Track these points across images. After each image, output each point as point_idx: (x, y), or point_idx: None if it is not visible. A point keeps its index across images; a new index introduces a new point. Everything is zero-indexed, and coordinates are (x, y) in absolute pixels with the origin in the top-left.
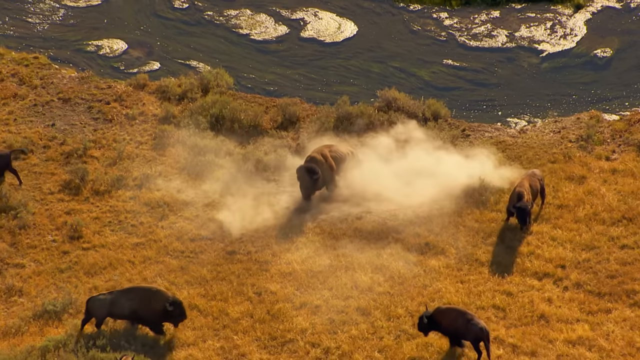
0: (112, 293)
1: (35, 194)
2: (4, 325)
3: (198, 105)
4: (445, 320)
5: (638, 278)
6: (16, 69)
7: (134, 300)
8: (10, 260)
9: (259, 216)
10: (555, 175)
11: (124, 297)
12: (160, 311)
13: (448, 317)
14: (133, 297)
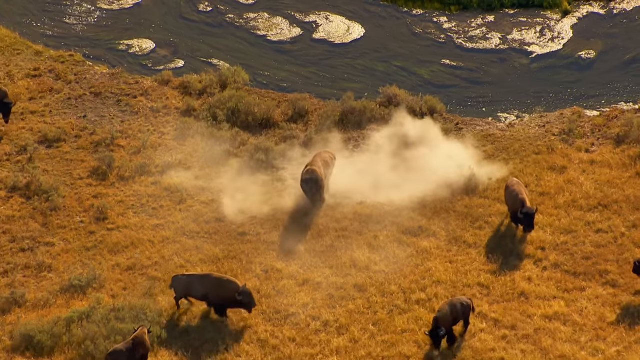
0: (190, 276)
1: (66, 179)
2: (34, 298)
3: (216, 100)
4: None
5: (611, 259)
6: (53, 65)
7: (207, 286)
8: (41, 239)
9: (269, 201)
10: (539, 166)
11: (198, 281)
12: (231, 299)
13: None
14: (206, 283)
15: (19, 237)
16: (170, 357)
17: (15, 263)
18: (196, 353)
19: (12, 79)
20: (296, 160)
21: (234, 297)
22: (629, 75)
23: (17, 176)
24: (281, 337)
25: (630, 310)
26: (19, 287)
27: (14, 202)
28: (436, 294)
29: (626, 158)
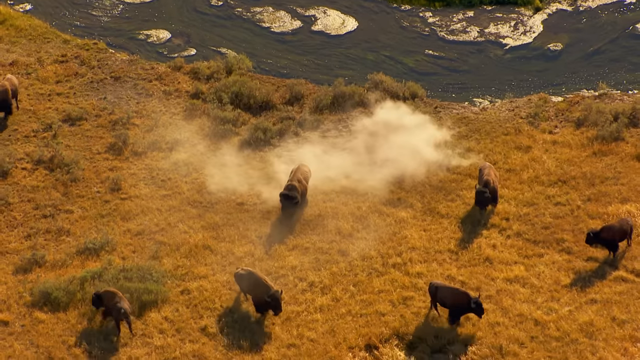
0: (245, 270)
1: (86, 153)
2: (53, 259)
3: (222, 84)
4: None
5: (567, 229)
6: (79, 52)
7: (249, 285)
8: (62, 207)
9: (265, 174)
10: (507, 145)
11: (245, 279)
12: (262, 300)
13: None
14: (248, 282)
15: (42, 205)
16: (172, 312)
17: (37, 228)
18: (195, 310)
19: (42, 63)
20: (291, 139)
21: (264, 299)
22: (591, 65)
23: (42, 150)
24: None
25: (582, 275)
26: (40, 249)
27: (39, 173)
28: (410, 259)
29: (584, 139)
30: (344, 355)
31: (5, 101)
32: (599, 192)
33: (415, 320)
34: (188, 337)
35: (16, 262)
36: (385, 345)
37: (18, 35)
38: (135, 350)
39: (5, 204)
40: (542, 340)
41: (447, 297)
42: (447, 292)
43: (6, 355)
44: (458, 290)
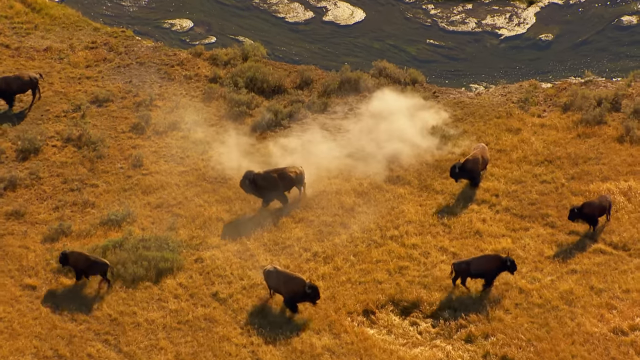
0: (274, 269)
1: (111, 132)
2: (78, 229)
3: (238, 70)
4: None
5: (551, 205)
6: (108, 39)
7: (279, 281)
8: (88, 182)
9: (274, 153)
10: (498, 128)
11: (273, 276)
12: (299, 293)
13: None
14: (278, 279)
15: (70, 179)
16: (186, 279)
17: (65, 200)
18: (207, 277)
19: (73, 49)
20: (300, 120)
21: (302, 291)
22: (579, 55)
23: (71, 129)
24: (278, 264)
25: (564, 247)
26: (67, 220)
27: (67, 150)
28: (407, 231)
29: (570, 122)
30: (343, 319)
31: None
32: (581, 171)
33: (409, 288)
34: (200, 301)
35: (44, 231)
36: (381, 310)
37: (52, 23)
38: (151, 314)
39: (36, 178)
40: (526, 307)
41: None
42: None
43: (33, 317)
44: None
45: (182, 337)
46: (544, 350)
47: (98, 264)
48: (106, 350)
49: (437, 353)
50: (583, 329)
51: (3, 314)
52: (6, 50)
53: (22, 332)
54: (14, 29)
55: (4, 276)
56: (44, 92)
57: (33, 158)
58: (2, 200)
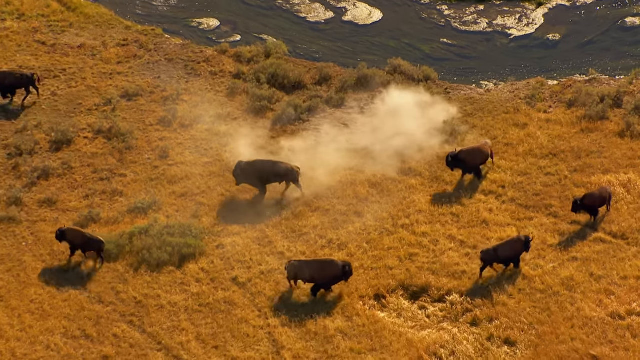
0: (300, 262)
1: (139, 125)
2: (107, 216)
3: (260, 66)
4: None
5: (555, 196)
6: (138, 37)
7: (313, 270)
8: (117, 171)
9: (293, 145)
10: (506, 122)
11: (310, 267)
12: (338, 275)
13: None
14: (311, 268)
15: (100, 169)
16: (207, 264)
17: (95, 189)
18: (228, 262)
19: (105, 46)
20: (318, 114)
21: (342, 276)
22: (584, 54)
23: (102, 122)
24: (295, 250)
25: (566, 236)
26: (96, 207)
27: (98, 142)
28: (417, 220)
29: (574, 118)
30: (356, 303)
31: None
32: (584, 164)
33: (419, 274)
34: (221, 285)
35: (75, 218)
36: (391, 295)
37: (87, 21)
38: (174, 296)
39: (68, 168)
40: (529, 292)
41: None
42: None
43: (63, 299)
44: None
45: (203, 318)
46: (545, 333)
47: (94, 240)
48: (131, 331)
49: (444, 335)
50: (582, 313)
51: (34, 296)
52: (42, 46)
53: (52, 313)
54: (50, 27)
55: (36, 260)
56: (77, 86)
57: (66, 149)
58: (36, 189)
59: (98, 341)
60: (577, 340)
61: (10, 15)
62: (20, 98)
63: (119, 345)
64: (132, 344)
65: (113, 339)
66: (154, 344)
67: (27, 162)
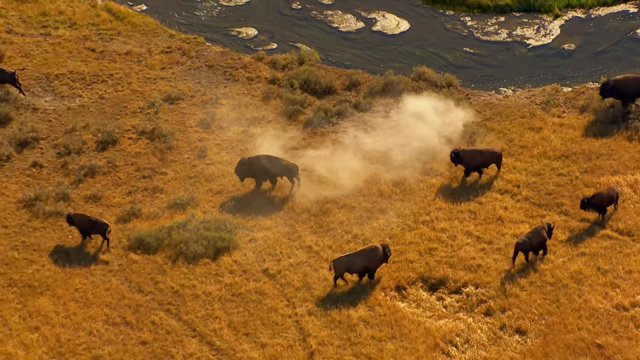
0: (349, 255)
1: (180, 127)
2: (148, 212)
3: (294, 72)
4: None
5: (566, 195)
6: (181, 45)
7: (366, 258)
8: (158, 170)
9: (323, 145)
10: (522, 126)
11: (357, 257)
12: (382, 259)
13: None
14: (364, 256)
15: (142, 168)
16: (240, 256)
17: (137, 186)
18: (259, 255)
19: (150, 53)
20: (347, 117)
21: (384, 258)
22: (597, 63)
23: (145, 124)
24: (322, 244)
25: (575, 233)
26: (138, 203)
27: (141, 142)
28: (437, 217)
29: (586, 122)
30: (378, 294)
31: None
32: (594, 166)
33: (437, 267)
34: (252, 277)
35: (118, 213)
36: (411, 286)
37: (133, 30)
38: (208, 287)
39: (113, 166)
40: (539, 285)
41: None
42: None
43: (105, 288)
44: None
45: (235, 307)
46: (554, 323)
47: (99, 224)
48: (168, 318)
49: (460, 324)
50: (589, 304)
51: (79, 285)
52: (92, 53)
53: (95, 301)
54: (99, 35)
55: (80, 252)
56: (123, 90)
57: (111, 148)
58: (83, 186)
59: (137, 328)
60: (584, 330)
61: (62, 24)
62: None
63: (156, 331)
64: (168, 331)
65: (151, 326)
66: (189, 331)
67: (75, 160)
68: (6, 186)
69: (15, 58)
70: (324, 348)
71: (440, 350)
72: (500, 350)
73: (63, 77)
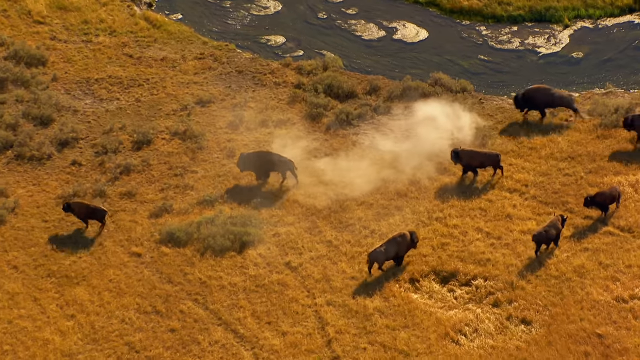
0: (383, 245)
1: (211, 128)
2: (179, 207)
3: (318, 78)
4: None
5: (571, 194)
6: (214, 52)
7: (397, 245)
8: (189, 168)
9: (344, 147)
10: (531, 129)
11: (390, 246)
12: (410, 245)
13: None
14: (396, 244)
15: (174, 167)
16: (265, 250)
17: (169, 184)
18: (282, 249)
19: (184, 59)
20: (367, 121)
21: (412, 244)
22: (603, 70)
23: (179, 125)
24: (341, 239)
25: (579, 229)
26: (170, 200)
27: (174, 143)
28: (450, 214)
29: (592, 126)
30: (393, 286)
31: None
32: (598, 167)
33: (449, 261)
34: (275, 269)
35: (151, 209)
36: (424, 279)
37: (169, 37)
38: (234, 278)
39: (147, 165)
40: (544, 278)
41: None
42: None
43: (137, 279)
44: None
45: (259, 298)
46: (558, 314)
47: (98, 210)
48: (195, 308)
49: (469, 315)
50: (591, 297)
51: (113, 276)
52: (130, 59)
53: (128, 291)
54: (137, 42)
55: (115, 245)
56: (158, 94)
57: (146, 148)
58: (118, 183)
59: (167, 316)
60: (586, 320)
61: (103, 31)
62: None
63: (184, 320)
64: (196, 319)
65: (180, 315)
66: (215, 320)
67: (112, 159)
68: (47, 183)
69: (58, 63)
70: (342, 336)
71: (450, 339)
72: (507, 339)
73: (102, 81)
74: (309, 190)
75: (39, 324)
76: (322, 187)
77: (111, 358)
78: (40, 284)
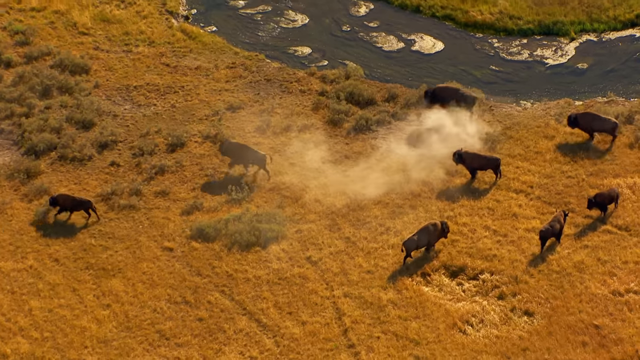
0: (416, 234)
1: (240, 132)
2: (208, 206)
3: (340, 86)
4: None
5: (573, 195)
6: (244, 61)
7: (429, 234)
8: (219, 169)
9: (363, 150)
10: (537, 135)
11: (422, 234)
12: (441, 234)
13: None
14: (427, 233)
15: (205, 167)
16: (287, 245)
17: (200, 183)
18: (304, 244)
19: (217, 68)
20: (385, 125)
21: (443, 230)
22: (606, 80)
23: (210, 129)
24: (358, 236)
25: (580, 227)
26: (200, 198)
27: (206, 145)
28: (459, 212)
29: None
30: (405, 279)
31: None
32: (599, 169)
33: (458, 256)
34: (297, 263)
35: (183, 207)
36: (435, 273)
37: (203, 48)
38: (258, 271)
39: (180, 166)
40: (546, 273)
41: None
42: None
43: (169, 272)
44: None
45: (281, 290)
46: (558, 306)
47: (83, 202)
48: (222, 299)
49: (475, 307)
50: (589, 290)
51: (146, 269)
52: (166, 68)
53: (159, 283)
54: (173, 52)
55: (149, 240)
56: (192, 100)
57: (179, 150)
58: (153, 182)
59: (195, 306)
60: (584, 312)
61: (142, 42)
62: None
63: (211, 310)
64: (222, 309)
65: (207, 305)
66: (240, 310)
67: (148, 160)
68: (87, 182)
69: (100, 71)
70: (357, 326)
71: (457, 329)
72: (510, 329)
73: (140, 88)
74: (330, 189)
75: (76, 313)
76: (342, 187)
77: (143, 344)
78: (79, 276)
